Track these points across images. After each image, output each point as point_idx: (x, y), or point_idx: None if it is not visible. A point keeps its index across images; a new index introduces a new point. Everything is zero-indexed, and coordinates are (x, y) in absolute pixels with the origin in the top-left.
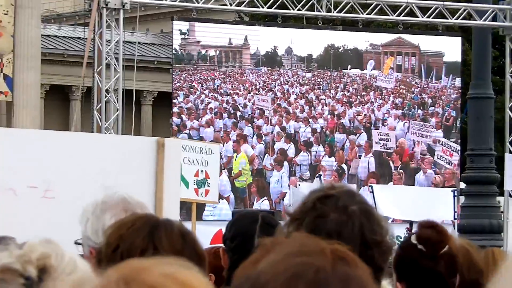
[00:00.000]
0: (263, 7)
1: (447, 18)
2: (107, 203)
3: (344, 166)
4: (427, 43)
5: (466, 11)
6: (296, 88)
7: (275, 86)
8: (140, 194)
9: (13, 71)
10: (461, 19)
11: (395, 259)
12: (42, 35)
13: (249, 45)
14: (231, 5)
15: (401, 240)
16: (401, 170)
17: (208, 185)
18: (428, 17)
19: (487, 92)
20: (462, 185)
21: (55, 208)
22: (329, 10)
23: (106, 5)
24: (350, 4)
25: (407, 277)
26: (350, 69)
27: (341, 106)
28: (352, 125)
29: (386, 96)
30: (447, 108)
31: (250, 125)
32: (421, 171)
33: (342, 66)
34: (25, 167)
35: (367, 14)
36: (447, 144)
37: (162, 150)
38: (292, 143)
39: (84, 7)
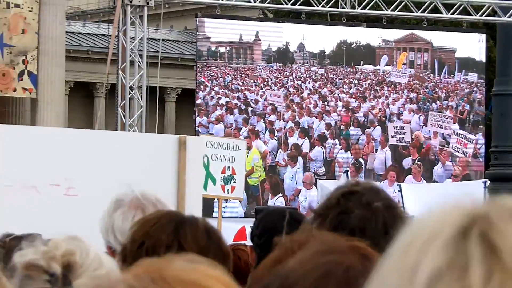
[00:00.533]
0: (287, 4)
1: (472, 15)
2: (120, 200)
3: (361, 160)
4: (439, 39)
5: (490, 8)
6: (309, 83)
7: (287, 82)
8: (162, 192)
9: (38, 68)
10: (486, 16)
11: None
12: (66, 32)
13: (260, 41)
14: (255, 1)
15: None
16: (419, 163)
17: (234, 182)
18: (453, 13)
19: (511, 89)
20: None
21: (78, 205)
22: (353, 7)
23: (131, 2)
24: (374, 1)
25: None
26: (362, 65)
27: (355, 101)
28: (366, 119)
29: (400, 91)
30: (461, 102)
31: (262, 120)
32: (439, 163)
33: (354, 62)
34: (48, 165)
35: (391, 10)
36: (461, 134)
37: (184, 148)
38: (306, 138)
39: (108, 4)
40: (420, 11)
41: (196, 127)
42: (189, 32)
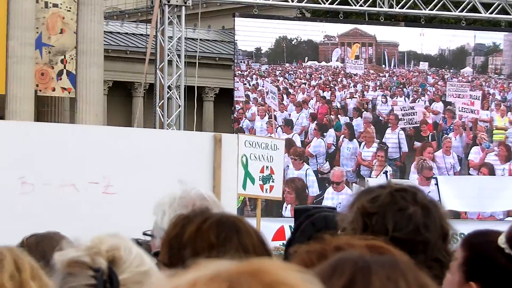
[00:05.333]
0: (324, 3)
1: (510, 14)
2: (184, 198)
3: (384, 141)
4: (382, 33)
5: None
6: (254, 80)
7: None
8: None
9: (76, 68)
10: None
11: (468, 257)
12: (104, 31)
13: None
14: (292, 1)
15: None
16: (452, 133)
17: (273, 181)
18: (491, 13)
19: None
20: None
21: (116, 203)
22: (391, 6)
23: (168, 1)
24: (413, 0)
25: (483, 278)
26: (307, 62)
27: (323, 92)
28: (347, 107)
29: (363, 80)
30: (427, 85)
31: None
32: (451, 134)
33: (296, 59)
34: (86, 163)
35: (430, 10)
36: (465, 95)
37: (220, 145)
38: (294, 132)
39: (146, 3)
40: (458, 10)
41: (235, 126)
42: (227, 32)
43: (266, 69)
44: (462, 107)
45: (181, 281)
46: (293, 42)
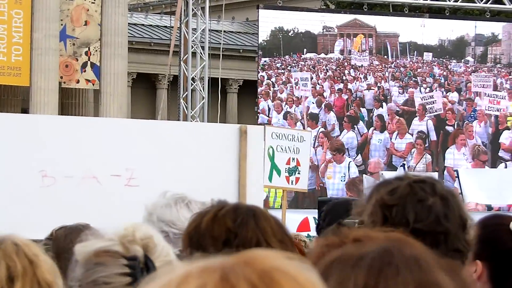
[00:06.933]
0: None
1: None
2: (181, 198)
3: (423, 130)
4: (382, 24)
5: None
6: (258, 73)
7: None
8: (223, 181)
9: (100, 60)
10: None
11: (478, 236)
12: (128, 23)
13: None
14: None
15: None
16: (472, 119)
17: (299, 173)
18: None
19: None
20: None
21: (139, 196)
22: None
23: None
24: None
25: (490, 258)
26: (306, 54)
27: (334, 84)
28: (364, 98)
29: (373, 72)
30: (437, 76)
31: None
32: (475, 122)
33: (293, 51)
34: (109, 156)
35: (454, 1)
36: (492, 94)
37: (245, 137)
38: (320, 126)
39: None
40: (483, 2)
41: (258, 118)
42: (251, 24)
43: (266, 62)
44: (487, 98)
45: (173, 275)
46: (290, 34)
